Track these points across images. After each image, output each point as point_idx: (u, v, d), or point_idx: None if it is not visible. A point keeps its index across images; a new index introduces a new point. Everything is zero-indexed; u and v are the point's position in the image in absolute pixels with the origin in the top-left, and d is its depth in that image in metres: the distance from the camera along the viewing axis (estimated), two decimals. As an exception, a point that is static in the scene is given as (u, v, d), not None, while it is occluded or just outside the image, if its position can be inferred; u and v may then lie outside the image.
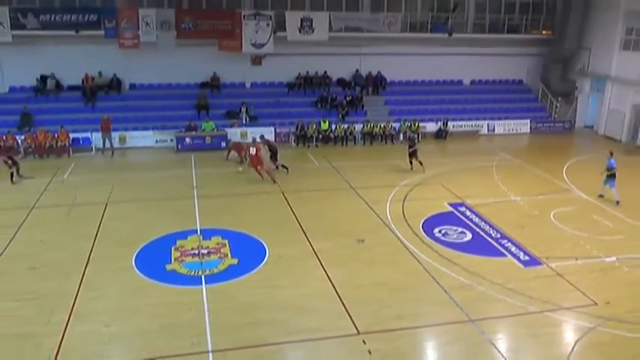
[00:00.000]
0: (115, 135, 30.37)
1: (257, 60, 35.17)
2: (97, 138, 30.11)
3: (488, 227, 19.31)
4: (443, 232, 18.87)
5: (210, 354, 12.05)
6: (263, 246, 17.58)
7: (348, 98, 35.16)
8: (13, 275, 15.61)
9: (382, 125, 32.94)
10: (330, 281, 15.25)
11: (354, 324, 13.17)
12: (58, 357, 11.87)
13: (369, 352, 12.18)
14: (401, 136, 33.19)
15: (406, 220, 19.84)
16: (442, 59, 37.39)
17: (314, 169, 27.08)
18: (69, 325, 13.06)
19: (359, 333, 12.82)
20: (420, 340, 13.01)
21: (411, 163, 26.08)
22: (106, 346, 12.37)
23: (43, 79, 32.74)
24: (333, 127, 32.53)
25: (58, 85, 33.19)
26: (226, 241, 17.85)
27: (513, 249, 17.55)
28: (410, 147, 26.19)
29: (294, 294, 14.59)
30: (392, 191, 22.95)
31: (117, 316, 13.55)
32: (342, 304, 14.06)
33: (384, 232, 18.83)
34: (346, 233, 18.62)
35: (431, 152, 29.44)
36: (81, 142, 30.08)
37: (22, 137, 29.12)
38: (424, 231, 18.91)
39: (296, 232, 18.80)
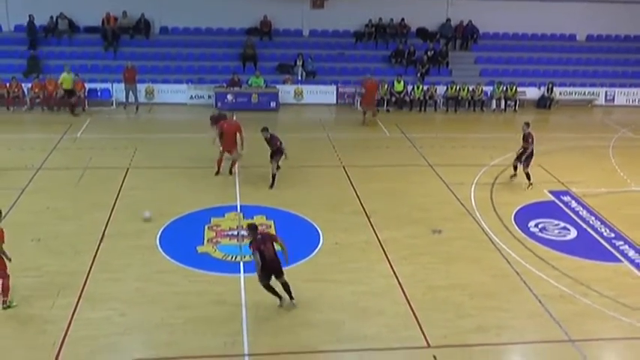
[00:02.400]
0: (141, 87, 31.04)
1: (318, 2, 35.17)
2: (118, 90, 30.82)
3: (599, 224, 18.98)
4: (540, 226, 18.67)
5: (247, 358, 12.20)
6: (316, 230, 17.70)
7: (429, 53, 34.90)
8: (14, 248, 15.82)
9: (471, 88, 32.69)
10: (397, 279, 15.23)
11: (423, 334, 13.11)
12: (64, 347, 12.20)
13: (441, 370, 12.18)
14: (493, 102, 32.85)
15: (495, 209, 19.70)
16: (551, 6, 36.67)
17: (383, 140, 27.10)
18: (77, 309, 13.43)
19: (429, 346, 12.75)
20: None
21: (515, 169, 22.03)
22: (119, 338, 12.64)
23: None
24: (410, 88, 32.48)
25: (72, 26, 33.85)
26: (272, 222, 18.05)
27: (631, 253, 17.16)
28: (523, 149, 21.66)
29: (351, 292, 14.62)
30: (479, 172, 22.79)
31: (135, 303, 13.84)
32: (410, 308, 14.02)
33: (467, 222, 18.73)
34: (419, 221, 18.57)
35: (531, 125, 28.94)
36: (99, 94, 30.84)
37: (29, 86, 29.86)
38: (516, 223, 18.73)
39: (358, 215, 18.86)
